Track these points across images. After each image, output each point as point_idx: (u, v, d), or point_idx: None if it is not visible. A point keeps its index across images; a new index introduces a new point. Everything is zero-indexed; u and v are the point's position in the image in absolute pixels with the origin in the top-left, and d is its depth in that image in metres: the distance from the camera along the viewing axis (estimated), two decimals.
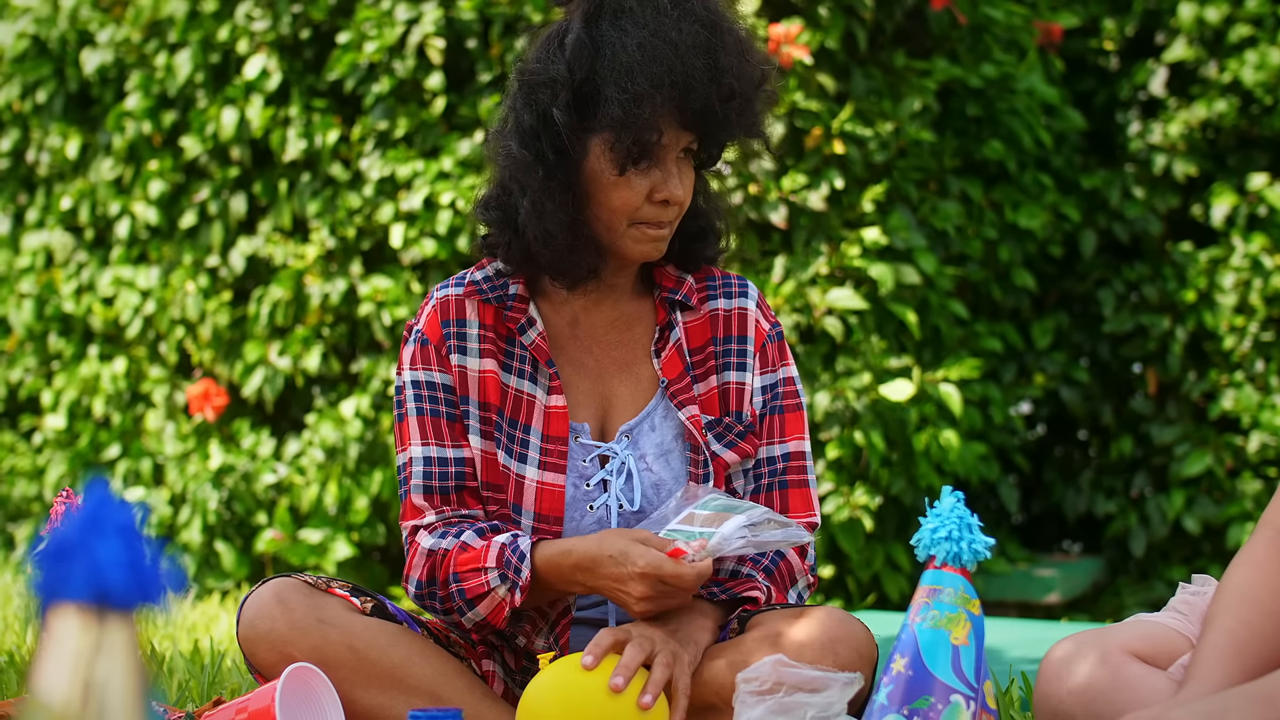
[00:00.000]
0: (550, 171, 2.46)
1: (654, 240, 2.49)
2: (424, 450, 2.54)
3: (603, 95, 2.39)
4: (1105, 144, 5.78)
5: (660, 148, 2.44)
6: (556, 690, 2.27)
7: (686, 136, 2.45)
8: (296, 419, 5.39)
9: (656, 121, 2.40)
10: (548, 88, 2.44)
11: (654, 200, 2.46)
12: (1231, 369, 5.33)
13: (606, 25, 2.42)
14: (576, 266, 2.51)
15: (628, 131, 2.39)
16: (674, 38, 2.38)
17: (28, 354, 5.92)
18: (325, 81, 5.26)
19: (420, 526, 2.52)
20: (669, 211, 2.48)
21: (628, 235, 2.48)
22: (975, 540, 2.08)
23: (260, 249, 5.31)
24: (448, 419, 2.54)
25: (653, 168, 2.45)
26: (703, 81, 2.39)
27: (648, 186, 2.45)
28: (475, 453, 2.53)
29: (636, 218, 2.47)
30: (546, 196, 2.45)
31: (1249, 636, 2.16)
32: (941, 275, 4.80)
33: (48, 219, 5.84)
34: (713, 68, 2.40)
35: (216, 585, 5.17)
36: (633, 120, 2.38)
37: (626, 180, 2.44)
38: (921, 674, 2.04)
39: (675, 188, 2.46)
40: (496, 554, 2.41)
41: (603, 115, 2.40)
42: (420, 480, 2.53)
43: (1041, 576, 5.13)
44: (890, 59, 4.87)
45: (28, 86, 5.83)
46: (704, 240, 2.63)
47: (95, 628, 1.15)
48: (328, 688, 2.36)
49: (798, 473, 2.61)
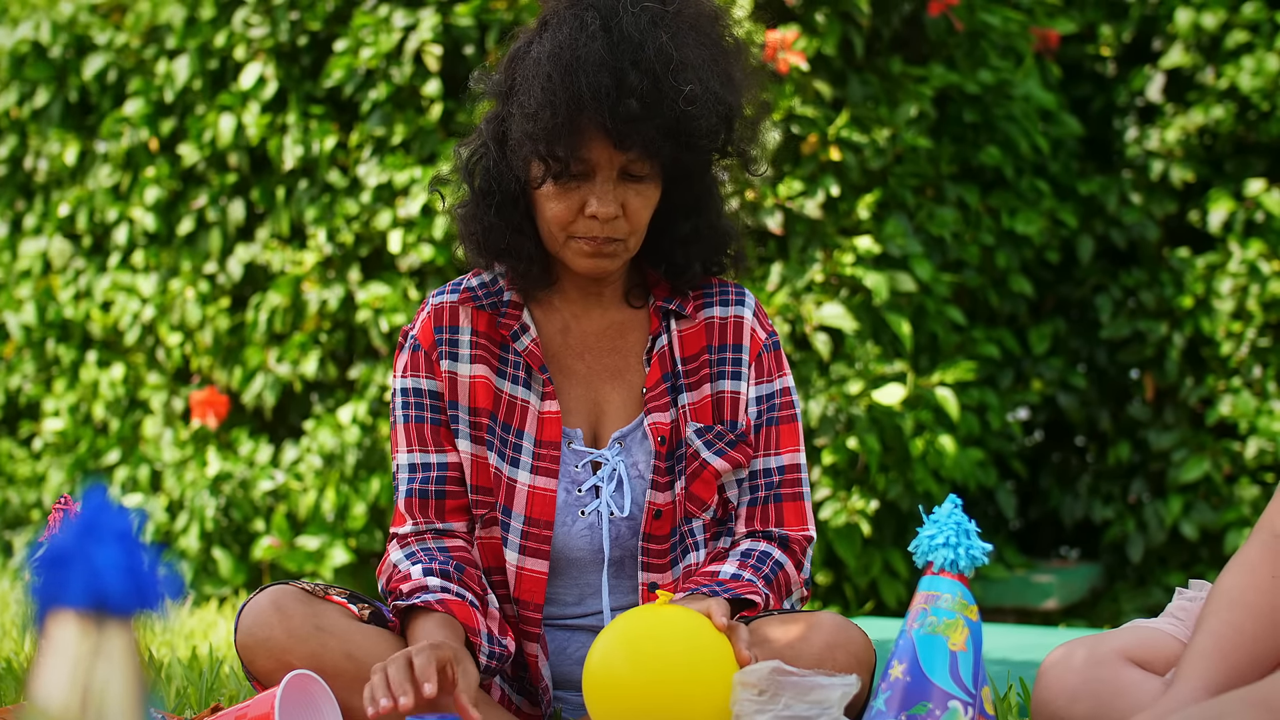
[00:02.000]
0: (499, 183, 2.53)
1: (591, 255, 2.49)
2: (409, 457, 2.59)
3: (521, 108, 2.43)
4: (1102, 150, 5.78)
5: (589, 165, 2.44)
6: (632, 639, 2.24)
7: (619, 156, 2.43)
8: (294, 425, 5.39)
9: (566, 135, 2.39)
10: (497, 102, 2.53)
11: (585, 215, 2.47)
12: (1229, 375, 5.33)
13: (537, 38, 2.47)
14: (529, 276, 2.57)
15: (544, 143, 2.41)
16: (585, 52, 2.37)
17: (26, 360, 5.92)
18: (322, 88, 5.26)
19: (397, 536, 2.58)
20: (597, 227, 2.46)
21: (567, 248, 2.51)
22: (973, 546, 2.08)
23: (258, 256, 5.31)
24: (432, 424, 2.58)
25: (583, 183, 2.45)
26: (608, 97, 2.37)
27: (575, 201, 2.46)
28: (464, 457, 2.55)
29: (571, 231, 2.49)
30: (498, 209, 2.54)
31: (1237, 638, 2.16)
32: (938, 282, 4.80)
33: (46, 225, 5.84)
34: (619, 82, 2.37)
35: (214, 592, 5.17)
36: (544, 131, 2.39)
37: (554, 193, 2.46)
38: (919, 680, 2.05)
39: (599, 204, 2.44)
40: (410, 589, 2.44)
41: (524, 126, 2.43)
42: (405, 486, 2.59)
43: (1039, 582, 5.13)
44: (887, 65, 4.87)
45: (26, 93, 5.83)
46: (692, 247, 2.61)
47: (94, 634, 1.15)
48: (327, 695, 2.36)
49: (793, 485, 2.62)
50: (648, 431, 2.56)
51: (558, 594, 2.59)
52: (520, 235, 2.53)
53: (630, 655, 2.20)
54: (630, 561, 2.57)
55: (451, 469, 2.57)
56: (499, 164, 2.52)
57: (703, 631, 2.20)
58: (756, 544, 2.57)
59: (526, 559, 2.54)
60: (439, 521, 2.57)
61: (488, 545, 2.57)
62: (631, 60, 2.38)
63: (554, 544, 2.55)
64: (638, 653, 2.20)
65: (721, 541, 2.61)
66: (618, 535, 2.55)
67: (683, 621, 2.21)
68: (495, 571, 2.57)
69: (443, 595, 2.42)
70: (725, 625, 2.20)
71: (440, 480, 2.57)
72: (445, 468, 2.57)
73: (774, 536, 2.59)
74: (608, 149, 2.42)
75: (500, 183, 2.53)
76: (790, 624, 2.39)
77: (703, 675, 2.18)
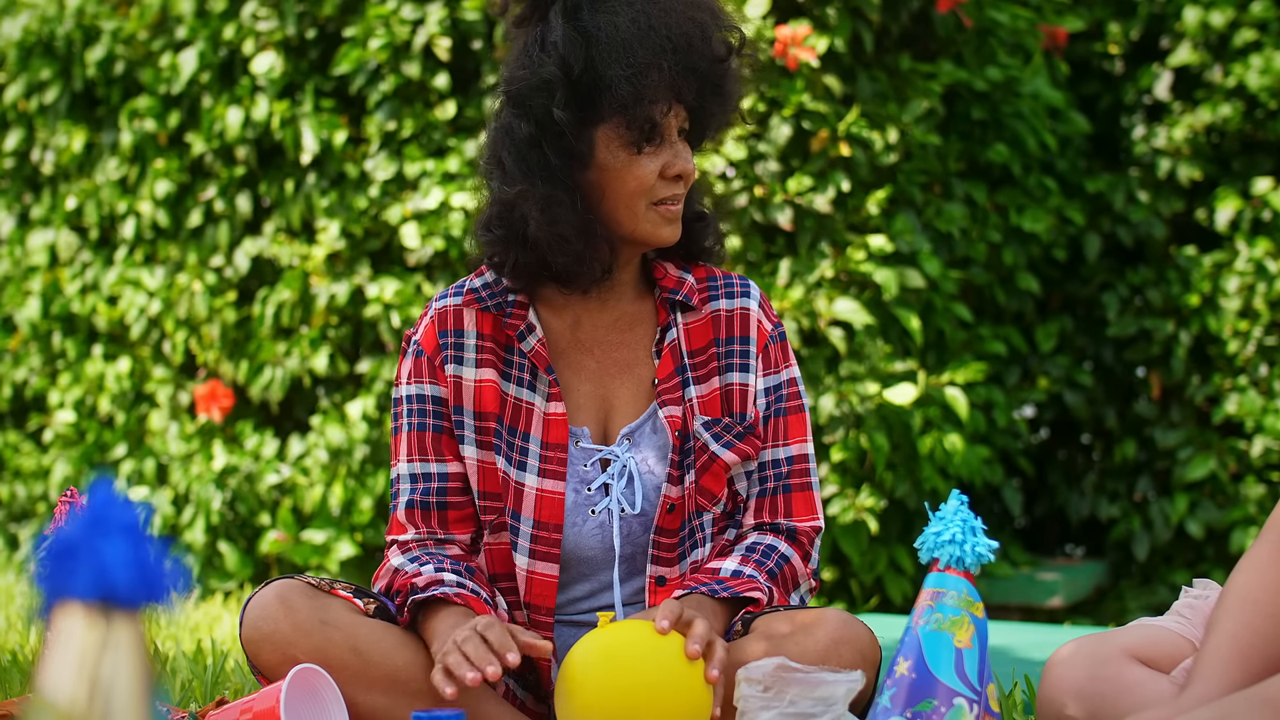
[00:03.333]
0: (555, 176, 2.47)
1: (674, 219, 2.52)
2: (410, 466, 2.57)
3: (606, 79, 2.41)
4: (1110, 148, 5.77)
5: (665, 125, 2.47)
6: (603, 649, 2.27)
7: (683, 112, 2.49)
8: (301, 420, 5.39)
9: (663, 93, 2.43)
10: (542, 92, 2.45)
11: (667, 177, 2.49)
12: (1235, 373, 5.33)
13: (588, 14, 2.45)
14: (591, 268, 2.52)
15: (639, 108, 2.42)
16: (664, 5, 2.44)
17: (33, 353, 5.92)
18: (331, 81, 5.26)
19: (397, 542, 2.57)
20: (680, 186, 2.51)
21: (647, 219, 2.50)
22: (979, 544, 2.08)
23: (266, 249, 5.31)
24: (434, 431, 2.56)
25: (661, 146, 2.48)
26: (700, 43, 2.45)
27: (658, 165, 2.48)
28: (470, 464, 2.55)
29: (654, 196, 2.49)
30: (555, 203, 2.46)
31: (1251, 640, 2.16)
32: (946, 278, 4.80)
33: (53, 218, 5.84)
34: (703, 30, 2.46)
35: (219, 586, 5.17)
36: (644, 94, 2.41)
37: (640, 160, 2.47)
38: (925, 677, 2.05)
39: (686, 161, 2.50)
40: (424, 583, 2.44)
41: (608, 101, 2.42)
42: (405, 496, 2.57)
43: (1044, 580, 5.13)
44: (896, 62, 4.87)
45: (33, 85, 5.83)
46: (704, 223, 2.65)
47: (101, 626, 1.15)
48: (332, 689, 2.36)
49: (801, 475, 2.61)
50: (665, 424, 2.56)
51: (570, 592, 2.59)
52: (594, 226, 2.49)
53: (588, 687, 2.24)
54: (642, 557, 2.57)
55: (453, 479, 2.56)
56: (561, 155, 2.46)
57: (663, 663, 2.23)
58: (763, 537, 2.57)
59: (537, 563, 2.53)
60: (440, 531, 2.56)
61: (497, 551, 2.56)
62: (701, 5, 2.47)
63: (565, 544, 2.54)
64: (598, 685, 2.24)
65: (728, 534, 2.61)
66: (629, 532, 2.55)
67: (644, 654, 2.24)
68: (505, 578, 2.56)
69: (459, 590, 2.42)
70: (697, 649, 2.22)
71: (441, 491, 2.56)
72: (447, 478, 2.56)
73: (781, 529, 2.59)
74: (674, 106, 2.47)
75: (565, 175, 2.47)
76: (795, 620, 2.38)
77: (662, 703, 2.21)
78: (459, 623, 2.37)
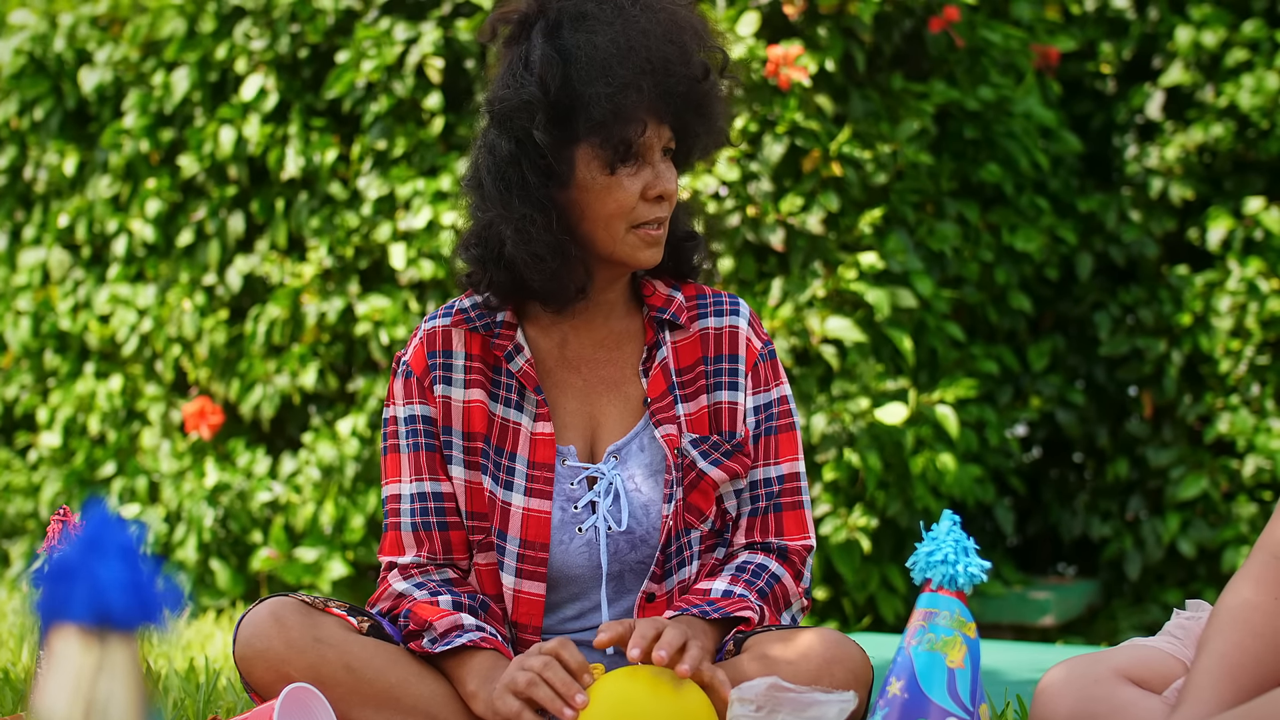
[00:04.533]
0: (532, 195, 2.46)
1: (654, 244, 2.51)
2: (411, 487, 2.57)
3: (584, 99, 2.41)
4: (1102, 167, 5.79)
5: (645, 145, 2.46)
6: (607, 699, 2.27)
7: (666, 132, 2.48)
8: (293, 437, 5.39)
9: (640, 113, 2.42)
10: (523, 111, 2.44)
11: (648, 198, 2.48)
12: (1227, 392, 5.34)
13: (568, 34, 2.44)
14: (565, 288, 2.51)
15: (616, 126, 2.41)
16: (644, 27, 2.42)
17: (23, 371, 5.92)
18: (323, 100, 5.27)
19: (397, 565, 2.57)
20: (663, 208, 2.49)
21: (626, 241, 2.49)
22: (971, 563, 2.08)
23: (257, 267, 5.31)
24: (428, 451, 2.57)
25: (642, 166, 2.47)
26: (678, 63, 2.44)
27: (639, 186, 2.47)
28: (458, 484, 2.55)
29: (634, 219, 2.48)
30: (529, 222, 2.45)
31: (1242, 659, 2.16)
32: (938, 297, 4.81)
33: (45, 236, 5.84)
34: (683, 50, 2.45)
35: (211, 603, 5.16)
36: (620, 113, 2.40)
37: (618, 181, 2.46)
38: (917, 697, 2.05)
39: (668, 182, 2.49)
40: (446, 626, 2.44)
41: (586, 120, 2.41)
42: (406, 517, 2.57)
43: (1037, 599, 5.13)
44: (888, 81, 4.88)
45: (25, 104, 5.83)
46: (693, 242, 2.65)
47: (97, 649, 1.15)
48: (325, 708, 2.36)
49: (792, 494, 2.62)
50: (662, 443, 2.56)
51: (557, 610, 2.59)
52: (571, 246, 2.48)
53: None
54: (630, 575, 2.57)
55: (448, 499, 2.57)
56: (540, 175, 2.46)
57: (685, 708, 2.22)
58: (753, 556, 2.57)
59: (523, 581, 2.54)
60: (441, 555, 2.57)
61: (485, 571, 2.57)
62: (681, 27, 2.46)
63: (552, 563, 2.54)
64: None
65: (717, 554, 2.61)
66: (616, 550, 2.55)
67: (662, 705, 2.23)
68: (494, 598, 2.56)
69: (485, 635, 2.44)
70: (687, 670, 2.22)
71: (440, 512, 2.56)
72: (443, 498, 2.56)
73: (772, 548, 2.59)
74: (656, 125, 2.46)
75: (542, 195, 2.46)
76: (787, 640, 2.38)
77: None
78: (495, 662, 2.38)
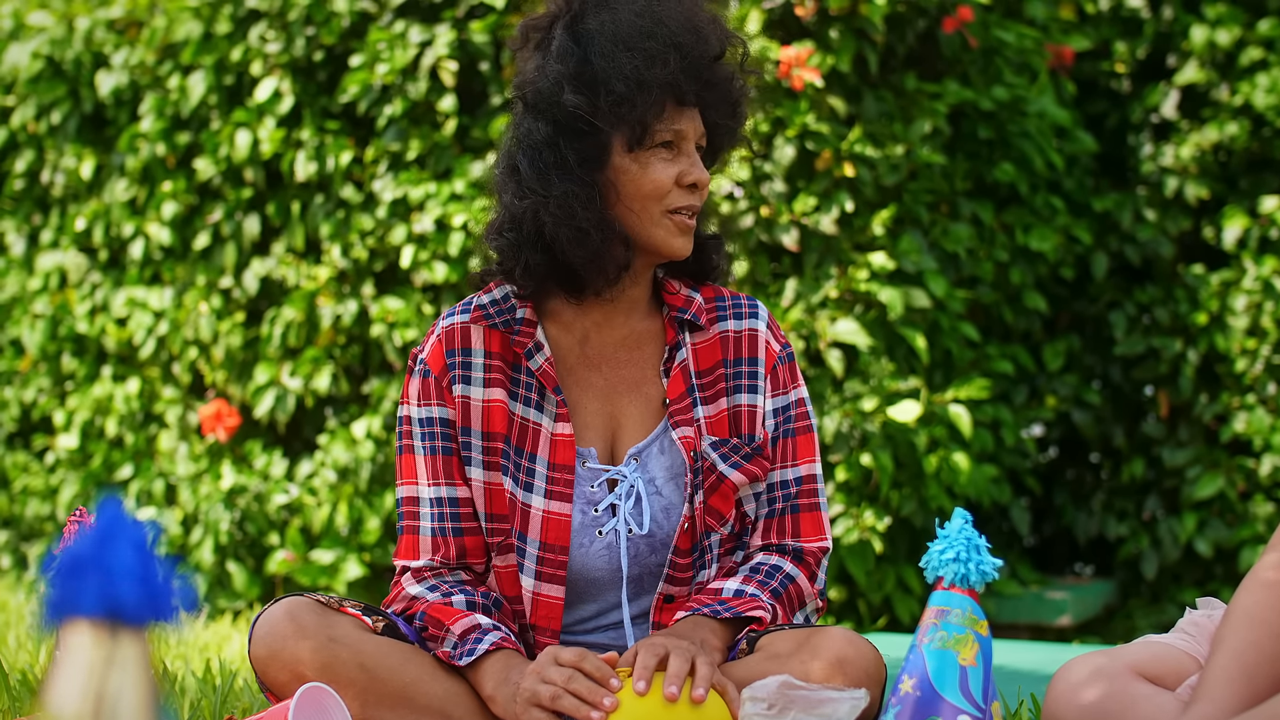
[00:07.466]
0: (573, 173, 2.48)
1: (686, 231, 2.53)
2: (430, 491, 2.57)
3: (605, 74, 2.44)
4: (1117, 166, 5.78)
5: (680, 135, 2.50)
6: None
7: (697, 120, 2.52)
8: (309, 440, 5.40)
9: (661, 91, 2.45)
10: (554, 92, 2.47)
11: (682, 185, 2.51)
12: (1243, 392, 5.33)
13: (592, 19, 2.48)
14: (606, 267, 2.51)
15: (640, 98, 2.44)
16: (666, 12, 2.48)
17: (41, 374, 5.93)
18: (338, 103, 5.28)
19: (410, 569, 2.57)
20: (696, 197, 2.52)
21: (661, 225, 2.51)
22: (983, 562, 2.08)
23: (273, 270, 5.32)
24: (444, 454, 2.56)
25: (678, 155, 2.50)
26: (699, 45, 2.48)
27: (675, 172, 2.50)
28: (477, 486, 2.55)
29: (668, 204, 2.50)
30: (572, 198, 2.47)
31: (1257, 658, 2.16)
32: (952, 298, 4.80)
33: (62, 240, 5.86)
34: (703, 35, 2.50)
35: (228, 605, 5.18)
36: (643, 86, 2.43)
37: (652, 164, 2.48)
38: (929, 695, 2.05)
39: (701, 171, 2.52)
40: (463, 628, 2.45)
41: (608, 95, 2.44)
42: (426, 522, 2.57)
43: (1053, 599, 5.13)
44: (901, 81, 4.87)
45: (43, 108, 5.85)
46: (714, 242, 2.67)
47: (108, 643, 1.16)
48: (340, 708, 2.36)
49: (809, 496, 2.62)
50: (679, 445, 2.56)
51: (577, 612, 2.59)
52: (614, 225, 2.50)
53: None
54: (649, 578, 2.57)
55: (464, 505, 2.56)
56: (578, 154, 2.48)
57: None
58: (768, 557, 2.58)
59: (543, 584, 2.53)
60: (457, 559, 2.56)
61: (504, 573, 2.57)
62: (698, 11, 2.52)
63: (572, 565, 2.54)
64: None
65: (736, 556, 2.61)
66: (636, 553, 2.55)
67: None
68: (512, 600, 2.56)
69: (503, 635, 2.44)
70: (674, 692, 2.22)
71: (457, 518, 2.55)
72: (459, 504, 2.55)
73: (788, 549, 2.59)
74: (689, 114, 2.51)
75: (582, 173, 2.48)
76: (799, 638, 2.39)
77: None
78: (510, 662, 2.39)
